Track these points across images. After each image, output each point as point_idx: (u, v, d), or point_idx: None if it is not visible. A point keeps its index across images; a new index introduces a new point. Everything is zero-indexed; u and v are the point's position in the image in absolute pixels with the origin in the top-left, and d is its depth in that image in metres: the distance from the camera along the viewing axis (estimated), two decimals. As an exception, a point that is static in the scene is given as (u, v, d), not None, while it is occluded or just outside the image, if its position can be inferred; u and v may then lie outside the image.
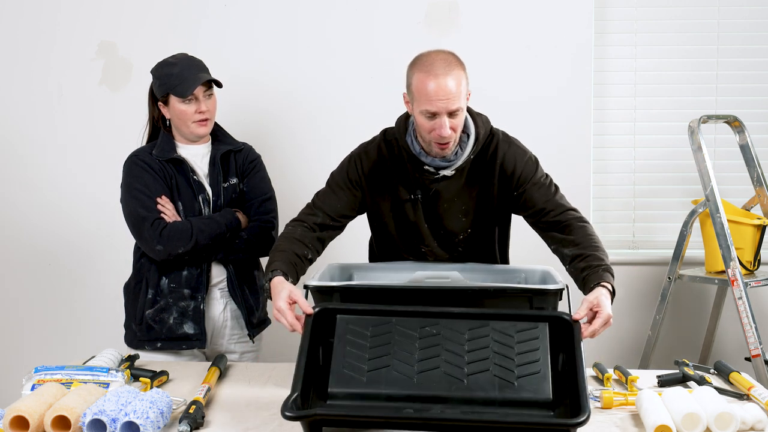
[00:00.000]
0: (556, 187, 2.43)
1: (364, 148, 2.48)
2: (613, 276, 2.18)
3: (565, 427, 1.74)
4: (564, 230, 2.34)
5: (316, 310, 2.03)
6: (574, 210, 2.39)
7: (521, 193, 2.40)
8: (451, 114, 2.26)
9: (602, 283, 2.12)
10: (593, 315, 2.04)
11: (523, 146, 2.46)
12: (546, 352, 1.93)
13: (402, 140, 2.41)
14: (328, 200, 2.45)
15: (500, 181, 2.41)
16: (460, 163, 2.39)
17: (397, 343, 1.95)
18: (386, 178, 2.45)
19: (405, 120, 2.44)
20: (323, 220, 2.42)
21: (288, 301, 2.11)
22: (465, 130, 2.39)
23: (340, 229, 2.48)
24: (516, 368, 1.90)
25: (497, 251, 2.56)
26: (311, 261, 2.39)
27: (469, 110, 2.43)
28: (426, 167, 2.39)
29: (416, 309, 2.03)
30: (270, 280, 2.20)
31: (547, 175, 2.44)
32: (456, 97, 2.24)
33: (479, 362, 1.91)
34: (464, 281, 2.23)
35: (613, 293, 2.13)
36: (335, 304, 2.07)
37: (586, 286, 2.18)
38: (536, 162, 2.44)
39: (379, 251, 2.61)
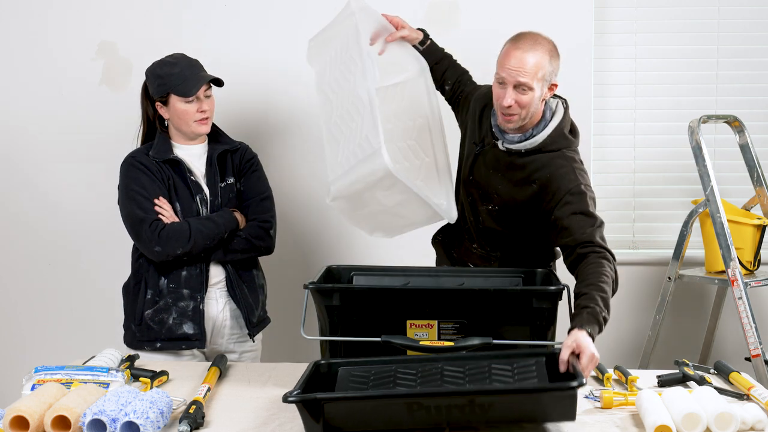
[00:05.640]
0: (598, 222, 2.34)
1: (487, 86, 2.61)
2: (598, 318, 2.07)
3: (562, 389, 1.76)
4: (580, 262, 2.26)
5: (313, 364, 2.00)
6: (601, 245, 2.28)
7: (556, 215, 2.35)
8: (518, 87, 2.32)
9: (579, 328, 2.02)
10: (577, 356, 1.96)
11: (581, 177, 2.40)
12: (544, 378, 1.94)
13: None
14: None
15: (538, 192, 2.41)
16: (513, 146, 2.45)
17: (398, 380, 1.96)
18: (483, 119, 2.57)
19: None
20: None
21: None
22: (545, 122, 2.44)
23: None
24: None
25: (533, 251, 2.57)
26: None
27: (573, 125, 2.49)
28: (493, 129, 2.49)
29: (416, 356, 2.04)
30: None
31: (592, 213, 2.35)
32: (526, 73, 2.32)
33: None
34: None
35: (599, 328, 2.06)
36: (335, 360, 2.06)
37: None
38: (583, 194, 2.36)
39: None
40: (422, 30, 2.77)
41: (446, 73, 2.77)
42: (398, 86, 2.66)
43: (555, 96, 2.53)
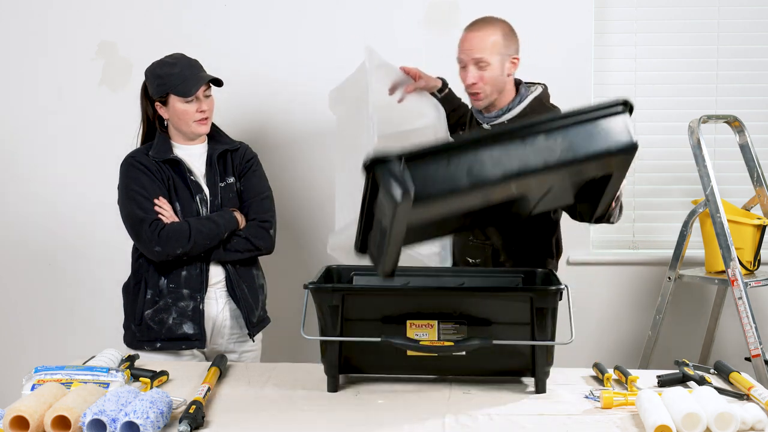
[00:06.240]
0: None
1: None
2: None
3: None
4: None
5: None
6: None
7: None
8: (478, 64, 2.47)
9: None
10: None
11: None
12: None
13: None
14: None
15: None
16: (496, 121, 2.57)
17: None
18: (464, 123, 2.77)
19: None
20: None
21: None
22: (520, 97, 2.58)
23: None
24: None
25: (529, 237, 2.63)
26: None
27: (548, 99, 2.64)
28: (475, 116, 2.64)
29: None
30: None
31: None
32: (481, 49, 2.46)
33: None
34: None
35: None
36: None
37: None
38: None
39: None
40: (441, 78, 2.84)
41: (462, 119, 2.84)
42: (413, 132, 2.75)
43: (536, 83, 2.66)
